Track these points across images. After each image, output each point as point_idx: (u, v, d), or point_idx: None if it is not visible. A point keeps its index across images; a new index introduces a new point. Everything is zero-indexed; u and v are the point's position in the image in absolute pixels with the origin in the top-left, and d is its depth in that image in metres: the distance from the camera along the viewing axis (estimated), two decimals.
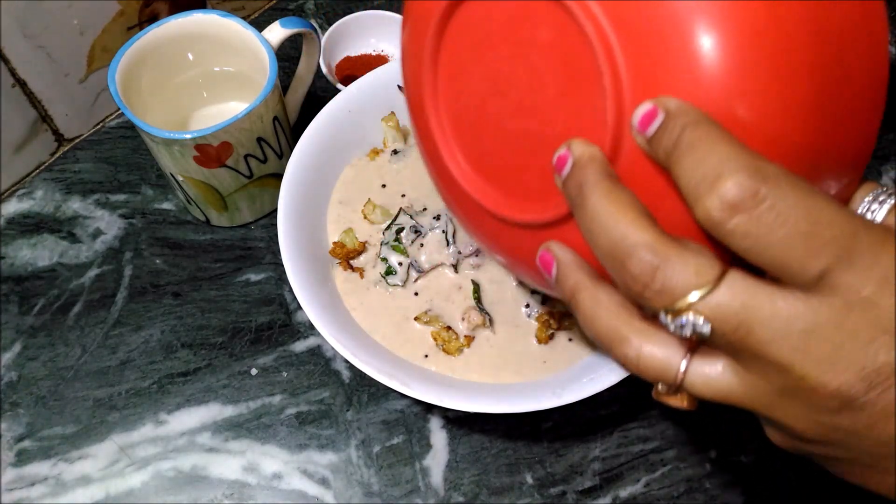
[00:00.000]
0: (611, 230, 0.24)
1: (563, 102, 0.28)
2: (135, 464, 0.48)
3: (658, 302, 0.23)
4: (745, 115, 0.23)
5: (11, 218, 0.57)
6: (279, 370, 0.51)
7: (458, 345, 0.46)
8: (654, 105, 0.24)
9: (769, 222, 0.21)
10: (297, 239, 0.47)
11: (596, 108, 0.26)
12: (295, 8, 0.68)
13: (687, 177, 0.23)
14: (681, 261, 0.23)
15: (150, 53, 0.49)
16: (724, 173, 0.22)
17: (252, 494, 0.47)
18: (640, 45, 0.24)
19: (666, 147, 0.24)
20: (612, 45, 0.25)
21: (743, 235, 0.22)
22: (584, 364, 0.45)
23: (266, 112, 0.48)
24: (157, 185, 0.58)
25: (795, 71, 0.23)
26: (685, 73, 0.24)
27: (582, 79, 0.26)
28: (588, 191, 0.25)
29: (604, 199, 0.25)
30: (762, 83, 0.23)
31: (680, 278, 0.23)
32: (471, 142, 0.34)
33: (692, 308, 0.23)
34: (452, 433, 0.49)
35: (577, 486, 0.48)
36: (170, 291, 0.54)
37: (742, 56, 0.23)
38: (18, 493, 0.47)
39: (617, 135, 0.25)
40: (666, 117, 0.24)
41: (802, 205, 0.21)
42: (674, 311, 0.23)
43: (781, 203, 0.21)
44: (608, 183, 0.25)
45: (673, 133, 0.23)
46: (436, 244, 0.48)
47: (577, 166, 0.26)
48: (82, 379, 0.50)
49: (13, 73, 0.52)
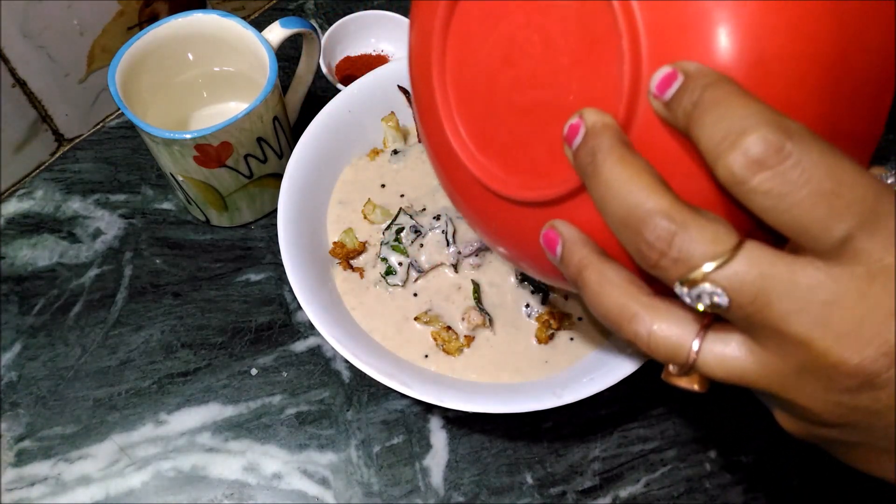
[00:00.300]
0: (625, 197, 0.23)
1: (578, 71, 0.27)
2: (135, 464, 0.48)
3: (674, 272, 0.23)
4: (763, 82, 0.23)
5: (11, 218, 0.57)
6: (279, 370, 0.51)
7: (458, 345, 0.46)
8: (674, 68, 0.23)
9: (794, 179, 0.20)
10: (297, 239, 0.47)
11: (611, 76, 0.26)
12: (295, 8, 0.68)
13: (708, 135, 0.22)
14: (698, 227, 0.22)
15: (150, 53, 0.49)
16: (748, 128, 0.21)
17: (252, 494, 0.47)
18: (660, 9, 0.24)
19: (685, 108, 0.23)
20: (633, 6, 0.24)
21: (765, 194, 0.21)
22: (584, 364, 0.45)
23: (266, 112, 0.48)
24: (157, 185, 0.58)
25: (814, 39, 0.23)
26: (704, 38, 0.23)
27: (599, 44, 0.26)
28: (601, 158, 0.24)
29: (618, 166, 0.24)
30: (781, 49, 0.23)
31: (697, 246, 0.22)
32: (476, 118, 0.33)
33: (709, 278, 0.22)
34: (452, 433, 0.49)
35: (577, 486, 0.48)
36: (170, 291, 0.54)
37: (762, 22, 0.23)
38: (18, 493, 0.47)
39: (632, 101, 0.25)
40: (686, 79, 0.23)
41: (826, 162, 0.20)
42: (689, 280, 0.22)
43: (806, 159, 0.20)
44: (622, 149, 0.24)
45: (693, 94, 0.22)
46: (436, 244, 0.48)
47: (590, 134, 0.25)
48: (82, 379, 0.50)
49: (13, 73, 0.52)
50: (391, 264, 0.48)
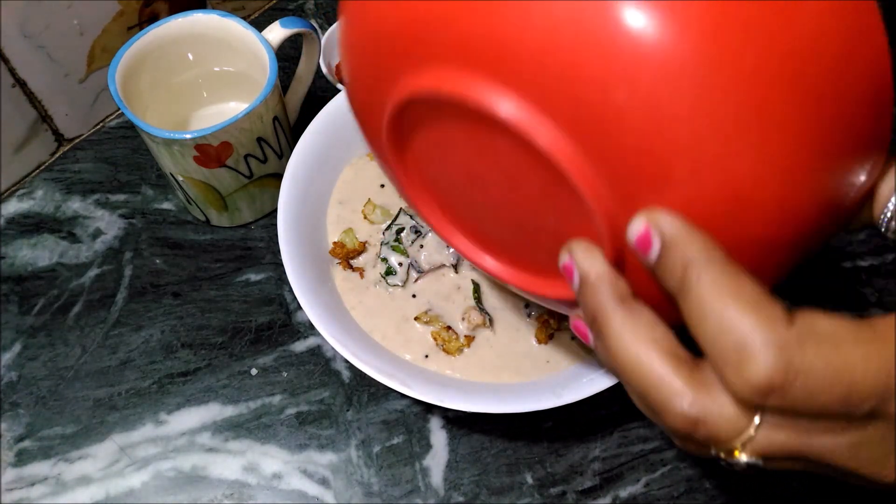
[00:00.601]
0: (636, 372, 0.23)
1: (548, 201, 0.26)
2: (135, 464, 0.48)
3: (705, 450, 0.23)
4: (738, 219, 0.22)
5: (11, 218, 0.57)
6: (279, 370, 0.51)
7: (459, 345, 0.46)
8: (646, 226, 0.23)
9: (804, 398, 0.21)
10: (297, 239, 0.47)
11: (584, 210, 0.24)
12: (295, 8, 0.68)
13: (704, 340, 0.22)
14: (717, 409, 0.22)
15: (150, 53, 0.49)
16: (748, 352, 0.21)
17: (252, 494, 0.47)
18: (608, 157, 0.23)
19: (671, 287, 0.23)
20: (579, 166, 0.23)
21: (779, 410, 0.22)
22: (584, 364, 0.45)
23: (266, 112, 0.48)
24: (157, 185, 0.58)
25: (786, 175, 0.22)
26: (661, 178, 0.22)
27: (559, 183, 0.24)
28: (603, 322, 0.24)
29: (623, 334, 0.23)
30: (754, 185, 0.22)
31: (722, 430, 0.22)
32: (468, 223, 0.31)
33: (742, 452, 0.23)
34: (452, 433, 0.49)
35: (577, 486, 0.48)
36: (170, 291, 0.54)
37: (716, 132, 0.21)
38: (18, 493, 0.47)
39: (614, 240, 0.24)
40: (663, 248, 0.22)
41: (833, 368, 0.21)
42: (725, 451, 0.23)
43: (812, 377, 0.21)
44: (623, 311, 0.24)
45: (675, 272, 0.22)
46: (436, 244, 0.48)
47: (585, 288, 0.25)
48: (82, 379, 0.50)
49: (13, 73, 0.52)
50: (391, 264, 0.48)
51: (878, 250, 0.57)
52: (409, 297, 0.48)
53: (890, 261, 0.57)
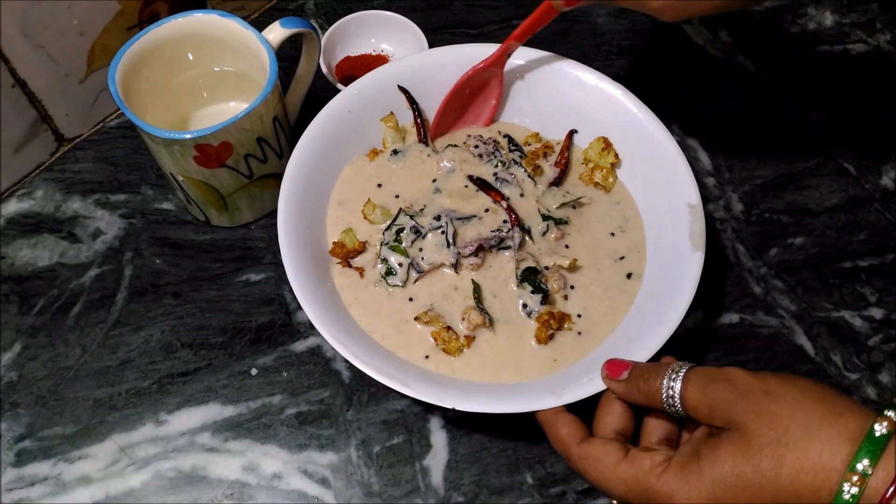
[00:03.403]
0: None
1: None
2: (135, 464, 0.48)
3: None
4: None
5: (11, 218, 0.57)
6: (279, 370, 0.51)
7: (459, 345, 0.46)
8: None
9: None
10: (297, 239, 0.47)
11: None
12: (295, 8, 0.68)
13: None
14: None
15: (150, 53, 0.49)
16: None
17: (252, 494, 0.47)
18: None
19: None
20: None
21: None
22: (584, 364, 0.45)
23: (266, 112, 0.48)
24: (157, 185, 0.58)
25: None
26: None
27: None
28: None
29: None
30: None
31: None
32: None
33: None
34: (452, 433, 0.49)
35: (577, 485, 0.48)
36: (170, 291, 0.54)
37: None
38: (18, 493, 0.47)
39: None
40: None
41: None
42: None
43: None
44: None
45: None
46: (435, 245, 0.48)
47: None
48: (82, 379, 0.50)
49: (13, 73, 0.52)
50: (391, 265, 0.48)
51: (878, 250, 0.57)
52: (409, 297, 0.48)
53: (890, 261, 0.57)
